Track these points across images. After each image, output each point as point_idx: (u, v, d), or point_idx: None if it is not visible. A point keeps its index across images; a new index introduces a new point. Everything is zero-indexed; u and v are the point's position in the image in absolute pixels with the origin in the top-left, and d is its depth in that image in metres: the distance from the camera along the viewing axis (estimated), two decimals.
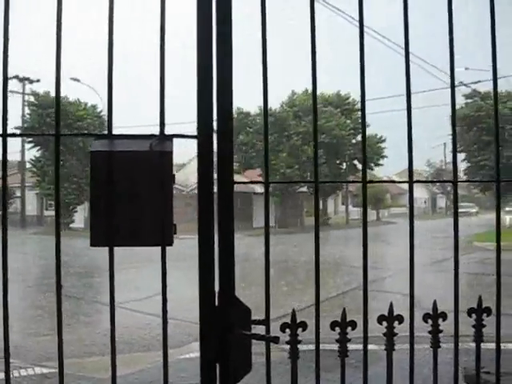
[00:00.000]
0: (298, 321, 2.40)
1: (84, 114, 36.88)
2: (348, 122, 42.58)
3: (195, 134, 2.06)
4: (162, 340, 2.11)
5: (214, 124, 2.07)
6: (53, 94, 2.13)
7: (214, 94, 2.07)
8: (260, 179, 40.28)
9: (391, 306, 2.48)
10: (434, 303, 2.56)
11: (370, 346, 2.55)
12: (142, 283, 13.10)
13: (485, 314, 2.55)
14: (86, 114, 37.02)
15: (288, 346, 2.44)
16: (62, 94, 2.20)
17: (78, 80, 34.74)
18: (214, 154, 2.06)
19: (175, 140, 2.08)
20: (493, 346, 2.54)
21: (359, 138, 43.89)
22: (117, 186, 1.97)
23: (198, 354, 2.16)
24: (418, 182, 2.28)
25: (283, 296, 11.46)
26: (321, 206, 46.50)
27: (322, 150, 39.35)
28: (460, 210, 2.68)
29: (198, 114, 2.06)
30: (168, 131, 2.10)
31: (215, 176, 2.08)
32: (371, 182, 2.60)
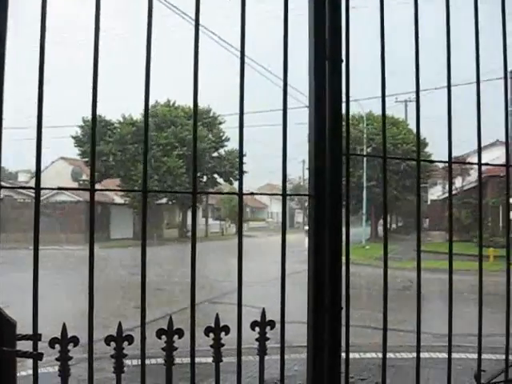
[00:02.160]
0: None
1: None
2: (210, 135, 42.96)
3: None
4: None
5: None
6: None
7: None
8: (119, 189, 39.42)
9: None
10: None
11: (201, 359, 2.55)
12: None
13: (268, 327, 2.59)
14: None
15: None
16: None
17: None
18: None
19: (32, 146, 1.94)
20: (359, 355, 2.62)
21: (220, 151, 44.62)
22: None
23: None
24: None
25: (128, 310, 11.24)
26: (180, 219, 46.41)
27: (183, 161, 39.43)
28: None
29: None
30: None
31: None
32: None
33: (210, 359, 2.60)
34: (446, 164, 2.87)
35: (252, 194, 2.66)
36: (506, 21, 2.95)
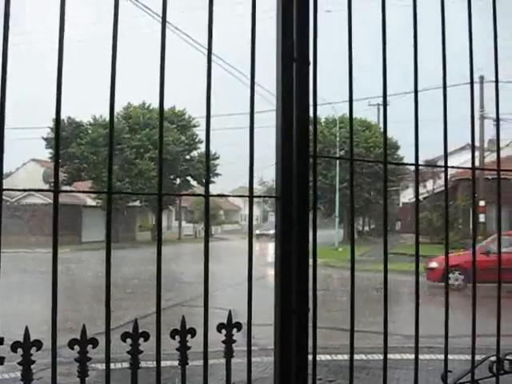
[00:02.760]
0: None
1: None
2: (183, 137, 42.84)
3: None
4: None
5: None
6: None
7: None
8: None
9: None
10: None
11: (173, 362, 2.52)
12: None
13: (235, 329, 2.58)
14: None
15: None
16: None
17: None
18: None
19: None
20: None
21: (193, 153, 44.50)
22: None
23: None
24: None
25: (99, 313, 11.13)
26: (153, 221, 46.13)
27: (154, 164, 39.27)
28: None
29: None
30: None
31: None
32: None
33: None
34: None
35: (218, 195, 2.65)
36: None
